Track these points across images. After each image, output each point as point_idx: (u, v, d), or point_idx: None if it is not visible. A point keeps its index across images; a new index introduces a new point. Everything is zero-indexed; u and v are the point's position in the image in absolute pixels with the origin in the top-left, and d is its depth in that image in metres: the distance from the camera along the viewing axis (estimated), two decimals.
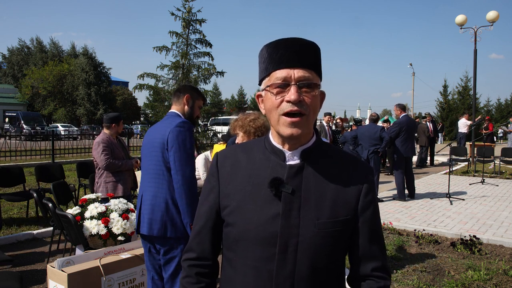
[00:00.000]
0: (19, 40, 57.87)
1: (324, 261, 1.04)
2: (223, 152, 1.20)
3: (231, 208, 1.09)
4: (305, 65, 1.02)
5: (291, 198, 1.04)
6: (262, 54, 1.09)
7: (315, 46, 1.07)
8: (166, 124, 2.54)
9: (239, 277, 1.08)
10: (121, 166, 4.51)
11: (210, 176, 1.18)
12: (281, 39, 1.06)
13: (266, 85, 1.06)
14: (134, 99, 47.86)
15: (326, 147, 1.15)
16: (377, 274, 1.10)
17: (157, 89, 12.76)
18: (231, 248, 1.10)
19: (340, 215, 1.05)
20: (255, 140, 1.21)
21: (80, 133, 26.55)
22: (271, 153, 1.11)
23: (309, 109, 1.02)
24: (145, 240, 2.59)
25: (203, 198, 1.18)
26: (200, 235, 1.17)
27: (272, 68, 1.04)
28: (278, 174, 1.06)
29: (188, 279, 1.17)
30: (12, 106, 41.21)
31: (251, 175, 1.10)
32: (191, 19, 12.63)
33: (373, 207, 1.10)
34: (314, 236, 1.02)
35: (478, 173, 11.02)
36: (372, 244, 1.10)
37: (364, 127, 8.05)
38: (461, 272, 4.05)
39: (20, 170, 6.60)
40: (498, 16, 12.02)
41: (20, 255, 4.59)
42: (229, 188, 1.11)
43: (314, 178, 1.07)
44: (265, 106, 1.08)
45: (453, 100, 30.93)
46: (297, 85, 1.01)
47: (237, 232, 1.07)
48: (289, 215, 1.03)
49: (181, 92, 2.67)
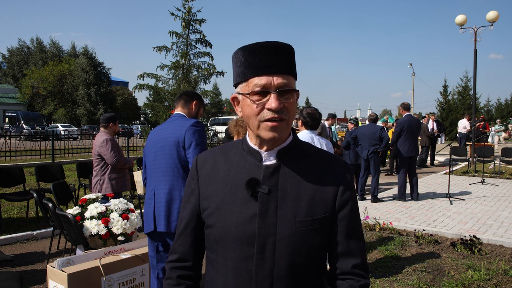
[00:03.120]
0: (19, 40, 58.09)
1: (303, 259, 1.05)
2: (202, 154, 1.22)
3: (210, 209, 1.11)
4: (283, 70, 1.04)
5: (267, 198, 1.06)
6: (237, 57, 1.08)
7: (291, 49, 1.08)
8: (178, 123, 2.62)
9: (220, 278, 1.09)
10: (126, 164, 4.75)
11: (190, 179, 1.19)
12: (257, 43, 1.06)
13: (243, 90, 1.06)
14: (134, 99, 47.86)
15: (303, 146, 1.16)
16: (356, 272, 1.10)
17: (157, 89, 12.77)
18: (212, 249, 1.12)
19: (317, 213, 1.07)
20: (233, 141, 1.22)
21: (80, 133, 26.55)
22: (248, 154, 1.12)
23: (289, 114, 1.05)
24: (155, 238, 2.63)
25: (184, 201, 1.20)
26: (181, 237, 1.19)
27: (250, 74, 1.04)
28: (254, 174, 1.08)
29: (169, 281, 1.19)
30: (12, 106, 41.20)
31: (229, 177, 1.11)
32: (191, 19, 12.65)
33: (351, 205, 1.11)
34: (291, 234, 1.04)
35: (478, 173, 11.02)
36: (350, 242, 1.10)
37: (364, 127, 8.06)
38: (461, 272, 4.05)
39: (20, 170, 6.61)
40: (498, 16, 12.02)
41: (20, 255, 4.59)
42: (209, 190, 1.13)
43: (290, 177, 1.08)
44: (243, 112, 1.08)
45: (453, 100, 30.88)
46: (277, 93, 1.02)
47: (216, 233, 1.08)
48: (266, 215, 1.05)
49: (189, 97, 2.79)
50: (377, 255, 4.58)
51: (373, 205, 7.22)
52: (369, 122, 8.00)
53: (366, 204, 7.26)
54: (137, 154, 14.59)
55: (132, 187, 6.13)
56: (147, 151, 2.73)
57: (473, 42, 12.53)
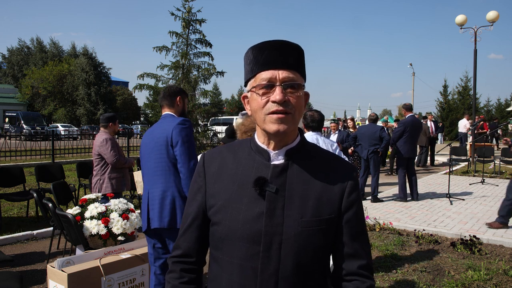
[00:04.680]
0: (19, 40, 58.09)
1: (308, 259, 1.06)
2: (209, 152, 1.22)
3: (217, 207, 1.11)
4: (290, 66, 1.05)
5: (275, 197, 1.06)
6: (247, 56, 1.10)
7: (299, 49, 1.09)
8: (166, 123, 2.71)
9: (225, 275, 1.09)
10: (125, 163, 4.77)
11: (197, 176, 1.19)
12: (266, 41, 1.08)
13: (251, 86, 1.08)
14: (134, 99, 47.86)
15: (310, 147, 1.17)
16: (362, 273, 1.10)
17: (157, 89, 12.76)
18: (217, 247, 1.12)
19: (324, 214, 1.07)
20: (241, 140, 1.22)
21: (80, 133, 26.55)
22: (256, 153, 1.13)
23: (294, 109, 1.05)
24: (151, 236, 2.72)
25: (190, 198, 1.20)
26: (186, 233, 1.19)
27: (257, 70, 1.06)
28: (262, 173, 1.08)
29: (172, 275, 1.19)
30: (12, 106, 41.18)
31: (236, 175, 1.12)
32: (191, 19, 12.64)
33: (357, 206, 1.12)
34: (298, 234, 1.04)
35: (478, 173, 11.02)
36: (356, 243, 1.11)
37: (364, 127, 8.10)
38: (461, 272, 4.05)
39: (20, 170, 6.61)
40: (498, 16, 12.02)
41: (20, 255, 4.59)
42: (216, 187, 1.13)
43: (298, 177, 1.09)
44: (251, 107, 1.10)
45: (453, 100, 30.90)
46: (281, 86, 1.03)
47: (222, 230, 1.09)
48: (273, 214, 1.05)
49: (171, 96, 2.83)
50: (377, 255, 4.58)
51: (373, 205, 7.22)
52: (369, 122, 8.02)
53: (366, 204, 7.27)
54: (137, 154, 14.59)
55: (132, 187, 6.14)
56: (142, 153, 2.82)
57: (473, 42, 12.54)
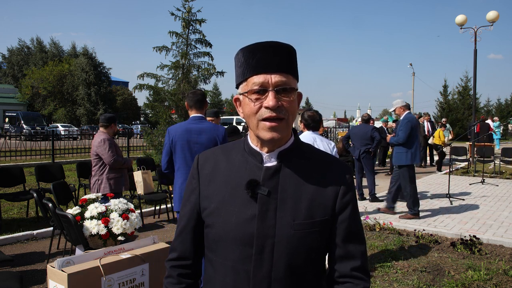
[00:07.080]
0: (19, 40, 58.12)
1: (301, 261, 1.05)
2: (203, 154, 1.21)
3: (210, 209, 1.11)
4: (282, 69, 1.03)
5: (267, 199, 1.05)
6: (238, 58, 1.08)
7: (291, 49, 1.07)
8: (209, 124, 3.33)
9: (218, 277, 1.10)
10: (124, 164, 4.74)
11: (191, 177, 1.19)
12: (257, 43, 1.06)
13: (243, 90, 1.07)
14: (134, 99, 47.87)
15: (305, 147, 1.15)
16: (355, 275, 1.09)
17: (157, 89, 12.74)
18: (211, 249, 1.12)
19: (316, 216, 1.06)
20: (235, 141, 1.21)
21: (80, 133, 26.55)
22: (249, 155, 1.12)
23: (288, 113, 1.04)
24: None
25: (185, 199, 1.20)
26: (182, 235, 1.19)
27: (249, 74, 1.04)
28: (255, 176, 1.07)
29: (170, 280, 1.19)
30: (12, 106, 41.18)
31: (230, 177, 1.11)
32: (191, 19, 12.63)
33: (351, 208, 1.10)
34: (290, 237, 1.03)
35: (478, 173, 11.01)
36: (350, 244, 1.10)
37: (356, 127, 8.36)
38: (461, 272, 4.05)
39: (20, 170, 6.60)
40: (498, 16, 12.03)
41: (20, 255, 4.59)
42: (209, 189, 1.13)
43: (290, 179, 1.08)
44: (244, 111, 1.08)
45: (453, 100, 30.90)
46: (274, 91, 1.01)
47: (216, 233, 1.08)
48: (265, 217, 1.04)
49: (203, 102, 3.35)
50: (377, 255, 4.58)
51: (373, 205, 7.22)
52: (362, 123, 8.26)
53: (366, 204, 7.27)
54: (137, 154, 14.59)
55: (131, 187, 6.13)
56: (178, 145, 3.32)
57: (473, 42, 12.54)
